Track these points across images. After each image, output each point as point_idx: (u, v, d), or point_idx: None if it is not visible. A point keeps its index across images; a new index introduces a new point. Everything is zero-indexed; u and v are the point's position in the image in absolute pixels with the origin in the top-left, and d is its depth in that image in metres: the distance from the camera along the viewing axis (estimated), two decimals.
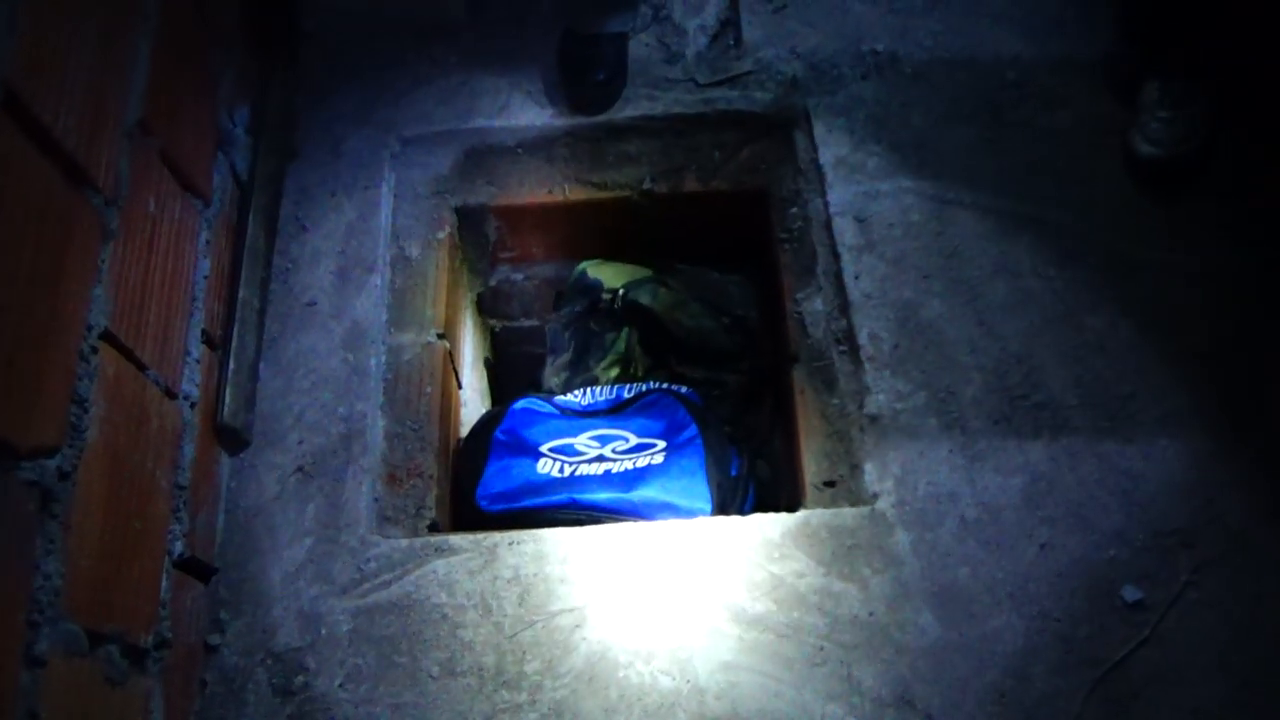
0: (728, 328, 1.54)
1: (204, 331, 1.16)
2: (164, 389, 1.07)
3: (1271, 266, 1.31)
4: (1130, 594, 1.11)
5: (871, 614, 1.11)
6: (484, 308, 1.70)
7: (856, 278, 1.34)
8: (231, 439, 1.22)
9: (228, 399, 1.20)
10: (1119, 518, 1.15)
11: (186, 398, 1.13)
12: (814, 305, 1.38)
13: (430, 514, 1.25)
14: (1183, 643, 1.09)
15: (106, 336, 0.94)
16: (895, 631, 1.10)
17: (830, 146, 1.45)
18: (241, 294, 1.26)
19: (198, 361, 1.14)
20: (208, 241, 1.19)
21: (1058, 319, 1.29)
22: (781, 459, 1.47)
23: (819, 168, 1.43)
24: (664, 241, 1.59)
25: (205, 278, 1.18)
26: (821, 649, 1.08)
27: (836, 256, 1.36)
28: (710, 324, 1.54)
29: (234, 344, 1.23)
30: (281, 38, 1.52)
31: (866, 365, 1.28)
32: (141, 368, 1.01)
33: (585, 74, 1.48)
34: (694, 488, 1.27)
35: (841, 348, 1.32)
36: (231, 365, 1.22)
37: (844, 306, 1.33)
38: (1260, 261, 1.31)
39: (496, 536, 1.18)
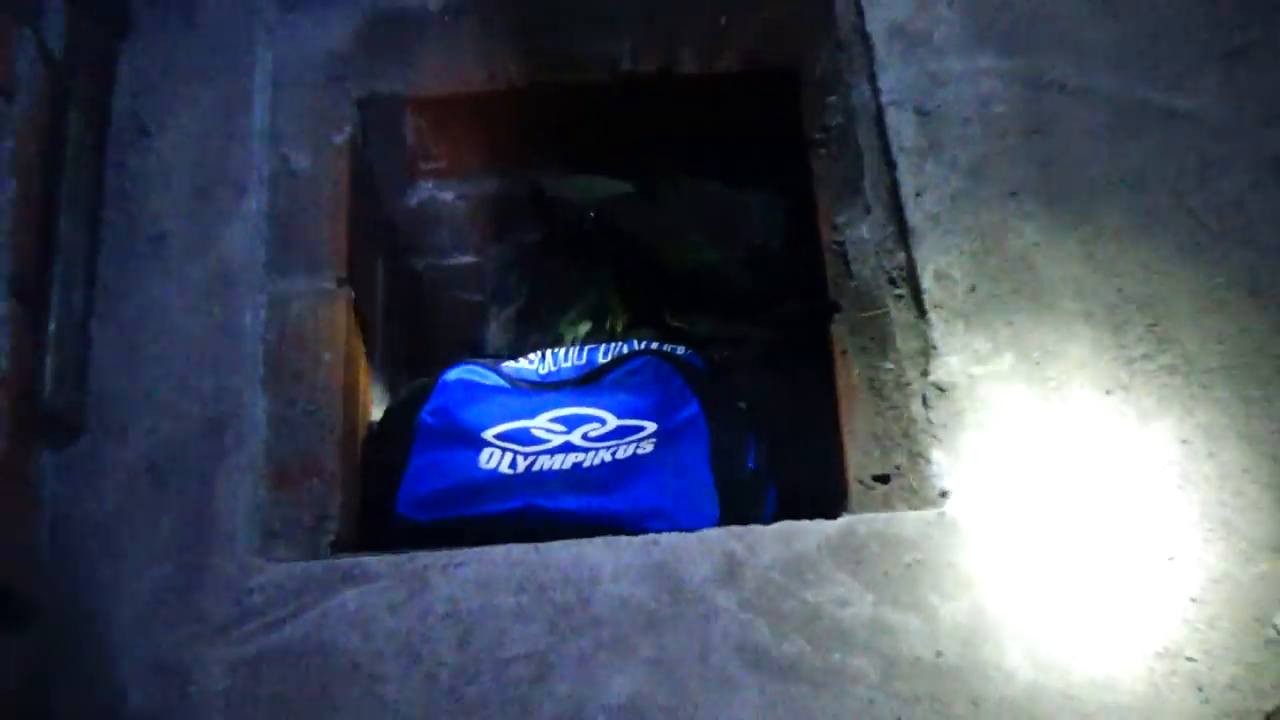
0: (743, 263, 1.41)
1: (12, 280, 1.04)
2: None
3: None
4: None
5: (940, 654, 1.00)
6: (402, 240, 1.58)
7: (918, 194, 1.20)
8: (55, 426, 1.10)
9: (48, 372, 1.09)
10: (1274, 523, 1.03)
11: None
12: (860, 232, 1.25)
13: (334, 527, 1.14)
14: None
15: None
16: (972, 677, 0.99)
17: (882, 7, 1.29)
18: (62, 225, 1.14)
19: (5, 322, 1.03)
20: (12, 153, 1.06)
21: (1194, 251, 1.15)
22: (815, 446, 1.34)
23: (866, 38, 1.28)
24: (652, 143, 1.47)
25: (11, 204, 1.06)
26: (872, 702, 0.97)
27: (891, 164, 1.22)
28: (717, 257, 1.42)
29: (55, 296, 1.12)
30: None
31: (932, 315, 1.14)
32: None
33: None
34: (695, 487, 1.18)
35: (898, 291, 1.19)
36: (52, 325, 1.11)
37: (901, 234, 1.20)
38: None
39: (426, 557, 1.06)
